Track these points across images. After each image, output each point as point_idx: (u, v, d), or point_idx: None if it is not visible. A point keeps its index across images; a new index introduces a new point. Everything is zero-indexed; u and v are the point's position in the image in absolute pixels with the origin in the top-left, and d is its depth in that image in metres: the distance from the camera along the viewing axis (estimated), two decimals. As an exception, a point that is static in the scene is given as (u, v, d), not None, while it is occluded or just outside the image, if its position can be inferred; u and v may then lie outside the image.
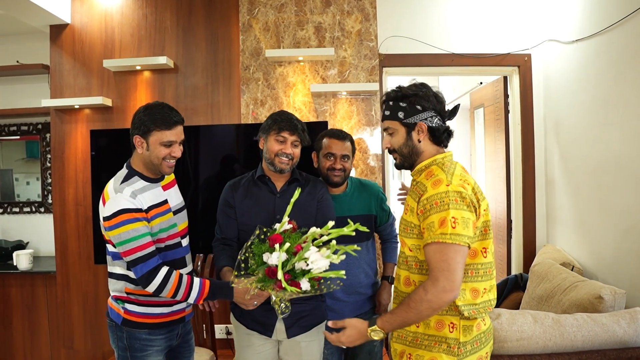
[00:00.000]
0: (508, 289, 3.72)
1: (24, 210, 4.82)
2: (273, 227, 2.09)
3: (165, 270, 2.10)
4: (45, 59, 4.38)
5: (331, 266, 1.95)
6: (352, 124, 4.07)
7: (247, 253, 2.03)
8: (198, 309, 3.13)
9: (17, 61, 4.53)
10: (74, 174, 4.22)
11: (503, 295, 3.71)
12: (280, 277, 1.88)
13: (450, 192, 1.76)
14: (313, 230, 2.02)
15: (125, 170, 2.23)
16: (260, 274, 1.97)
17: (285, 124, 2.35)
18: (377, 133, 4.09)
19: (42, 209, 4.79)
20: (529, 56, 4.18)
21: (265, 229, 2.06)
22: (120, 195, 2.10)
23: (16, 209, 4.83)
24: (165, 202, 2.27)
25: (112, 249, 2.19)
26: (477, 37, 4.17)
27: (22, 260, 4.28)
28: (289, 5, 4.09)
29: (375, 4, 4.10)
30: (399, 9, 4.15)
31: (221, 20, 4.15)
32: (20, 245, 4.67)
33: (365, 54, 4.09)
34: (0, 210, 4.84)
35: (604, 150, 3.26)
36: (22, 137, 4.79)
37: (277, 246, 1.94)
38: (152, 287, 2.08)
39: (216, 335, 3.89)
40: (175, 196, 2.39)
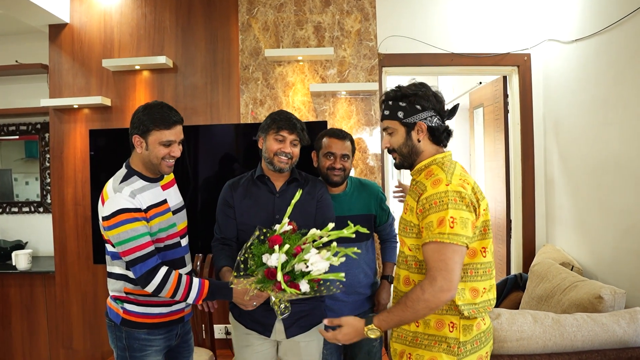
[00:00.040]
0: (508, 289, 3.72)
1: (22, 210, 4.81)
2: (273, 227, 2.09)
3: (164, 270, 2.09)
4: (44, 58, 4.37)
5: (331, 268, 1.95)
6: (351, 124, 4.07)
7: (247, 254, 2.02)
8: (197, 309, 3.13)
9: (16, 61, 4.52)
10: (72, 174, 4.21)
11: (503, 295, 3.70)
12: (280, 278, 1.87)
13: (449, 191, 1.76)
14: (313, 232, 2.02)
15: (124, 170, 2.23)
16: (260, 275, 1.97)
17: (284, 123, 2.35)
18: (376, 133, 4.09)
19: (41, 209, 4.78)
20: (529, 56, 4.18)
21: (265, 230, 2.06)
22: (119, 195, 2.09)
23: (15, 209, 4.82)
24: (165, 201, 2.27)
25: (111, 249, 2.19)
26: (476, 37, 4.17)
27: (21, 260, 4.27)
28: (289, 4, 4.09)
29: (375, 3, 4.09)
30: (398, 9, 4.15)
31: (220, 19, 4.15)
32: (19, 245, 4.67)
33: (365, 54, 4.08)
34: (-1, 210, 4.85)
35: (603, 150, 3.26)
36: (21, 137, 4.78)
37: (277, 247, 1.93)
38: (151, 287, 2.07)
39: (215, 335, 3.88)
40: (175, 196, 2.38)
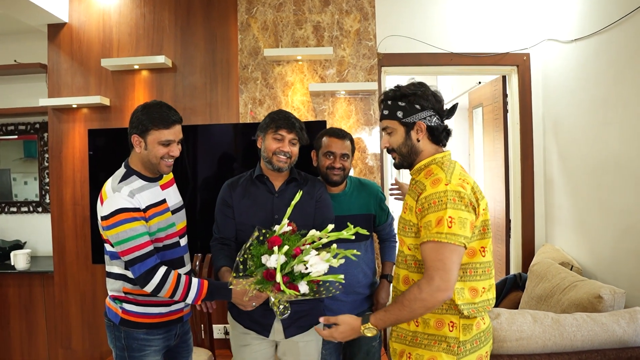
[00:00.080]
0: (507, 289, 3.72)
1: (21, 210, 4.81)
2: (272, 228, 2.08)
3: (163, 270, 2.09)
4: (43, 58, 4.36)
5: (330, 269, 1.94)
6: (350, 124, 4.06)
7: (246, 254, 2.01)
8: (196, 309, 3.12)
9: (15, 60, 4.51)
10: (71, 174, 4.20)
11: (502, 294, 3.70)
12: (279, 280, 1.87)
13: (448, 191, 1.76)
14: (312, 233, 2.01)
15: (123, 170, 2.22)
16: (259, 276, 1.96)
17: (282, 122, 2.34)
18: (375, 132, 4.09)
19: (40, 209, 4.78)
20: (528, 55, 4.18)
21: (264, 231, 2.05)
22: (118, 195, 2.09)
23: (14, 209, 4.81)
24: (164, 201, 2.27)
25: (110, 249, 2.18)
26: (475, 37, 4.17)
27: (19, 260, 4.26)
28: (288, 4, 4.08)
29: (374, 3, 4.09)
30: (397, 8, 4.15)
31: (219, 19, 4.14)
32: (18, 245, 4.66)
33: (364, 54, 4.08)
34: (-2, 210, 4.84)
35: (603, 150, 3.26)
36: (19, 136, 4.78)
37: (276, 249, 1.92)
38: (150, 287, 2.07)
39: (214, 335, 3.88)
40: (174, 195, 2.38)
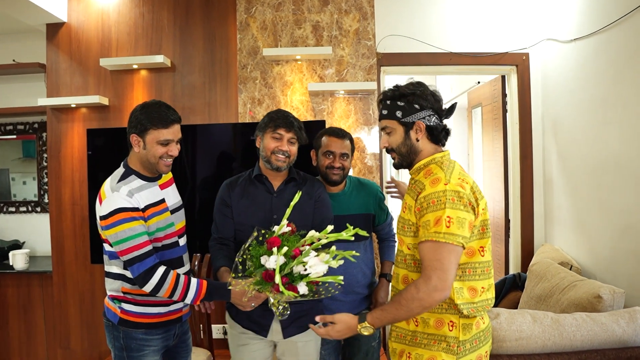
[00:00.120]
0: (506, 289, 3.72)
1: (20, 209, 4.80)
2: (271, 229, 2.08)
3: (162, 270, 2.08)
4: (41, 57, 4.35)
5: (330, 270, 1.94)
6: (349, 123, 4.06)
7: (245, 255, 2.01)
8: (194, 309, 3.12)
9: (14, 60, 4.51)
10: (70, 174, 4.19)
11: (501, 294, 3.70)
12: (278, 281, 1.86)
13: (447, 191, 1.75)
14: (311, 234, 2.01)
15: (122, 169, 2.22)
16: (258, 277, 1.96)
17: (281, 121, 2.34)
18: (374, 132, 4.08)
19: (39, 209, 4.77)
20: (527, 55, 4.18)
21: (263, 231, 2.05)
22: (116, 194, 2.08)
23: (12, 209, 4.81)
24: (163, 201, 2.26)
25: (109, 249, 2.18)
26: (475, 36, 4.16)
27: (18, 260, 4.25)
28: (287, 4, 4.08)
29: (373, 2, 4.09)
30: (396, 8, 4.14)
31: (218, 19, 4.14)
32: (17, 245, 4.65)
33: (363, 53, 4.08)
34: (-4, 210, 4.83)
35: (603, 150, 3.26)
36: (18, 136, 4.77)
37: (275, 249, 1.92)
38: (148, 287, 2.06)
39: (213, 335, 3.87)
40: (173, 195, 2.37)
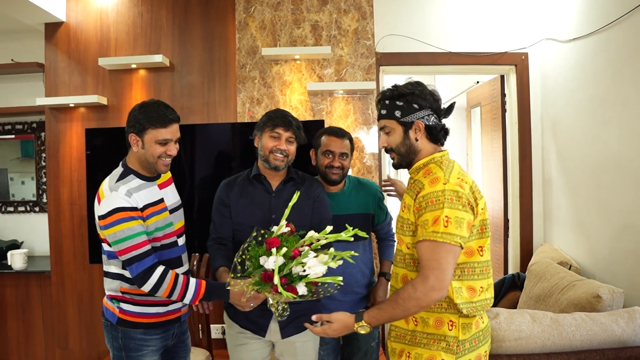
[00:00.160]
0: (505, 288, 3.72)
1: (18, 209, 4.79)
2: (270, 229, 2.07)
3: (161, 269, 2.08)
4: (40, 57, 4.34)
5: (329, 270, 1.94)
6: (348, 123, 4.06)
7: (244, 255, 2.00)
8: (193, 309, 3.12)
9: (12, 59, 4.50)
10: (68, 173, 4.19)
11: (500, 294, 3.70)
12: (277, 282, 1.86)
13: (446, 190, 1.75)
14: (311, 235, 2.00)
15: (120, 169, 2.21)
16: (257, 277, 1.95)
17: (279, 120, 2.34)
18: (373, 132, 4.08)
19: (37, 209, 4.76)
20: (526, 55, 4.17)
21: (262, 231, 2.04)
22: (115, 194, 2.08)
23: (11, 209, 4.80)
24: (161, 200, 2.26)
25: (107, 248, 2.17)
26: (474, 36, 4.16)
27: (16, 259, 4.25)
28: (286, 3, 4.07)
29: (372, 2, 4.08)
30: (395, 7, 4.14)
31: (217, 18, 4.13)
32: (15, 244, 4.64)
33: (362, 53, 4.07)
34: (-5, 210, 4.82)
35: (602, 150, 3.25)
36: (16, 136, 4.76)
37: (274, 250, 1.91)
38: (147, 287, 2.06)
39: (212, 335, 3.87)
40: (172, 195, 2.37)
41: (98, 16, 4.18)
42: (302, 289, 1.91)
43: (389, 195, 2.86)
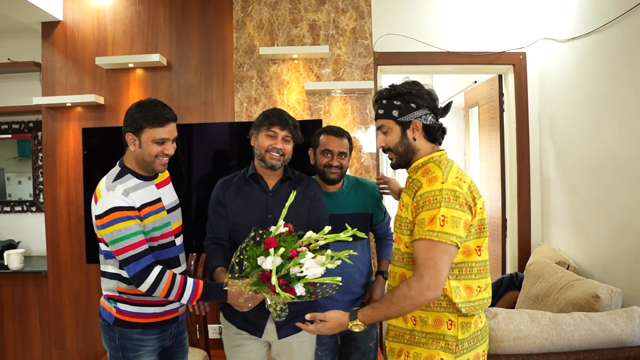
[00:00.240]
0: (503, 288, 3.72)
1: (15, 209, 4.78)
2: (269, 229, 2.06)
3: (158, 269, 2.07)
4: (37, 56, 4.32)
5: (328, 271, 1.93)
6: (346, 122, 4.05)
7: (242, 255, 2.00)
8: (189, 310, 3.11)
9: (9, 59, 4.49)
10: (65, 173, 4.17)
11: (498, 294, 3.70)
12: (274, 282, 1.85)
13: (444, 190, 1.75)
14: (309, 235, 2.00)
15: (117, 168, 2.20)
16: (255, 278, 1.95)
17: (275, 118, 2.33)
18: (371, 131, 4.07)
19: (34, 208, 4.75)
20: (524, 55, 4.17)
21: (261, 231, 2.03)
22: (112, 193, 2.07)
23: (7, 208, 4.78)
24: (159, 200, 2.25)
25: (104, 248, 2.16)
26: (472, 36, 4.16)
27: (13, 259, 4.23)
28: (283, 2, 4.06)
29: (370, 1, 4.07)
30: (393, 7, 4.14)
31: (215, 17, 4.12)
32: (11, 244, 4.63)
33: (360, 52, 4.07)
34: (-9, 210, 4.80)
35: (601, 149, 3.25)
36: (13, 135, 4.75)
37: (272, 250, 1.91)
38: (144, 286, 2.05)
39: (209, 335, 3.86)
40: (170, 194, 2.36)
41: (95, 15, 4.16)
42: (300, 289, 1.90)
43: (382, 193, 2.86)
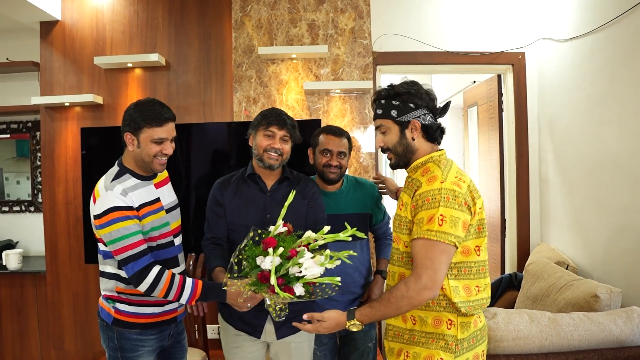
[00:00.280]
0: (502, 288, 3.72)
1: (13, 209, 4.77)
2: (267, 229, 2.06)
3: (157, 269, 2.07)
4: (35, 56, 4.31)
5: (327, 271, 1.92)
6: (345, 122, 4.04)
7: (241, 255, 1.99)
8: (188, 310, 3.11)
9: (7, 58, 4.48)
10: (64, 173, 4.16)
11: (497, 294, 3.70)
12: (273, 282, 1.84)
13: (443, 189, 1.75)
14: (308, 235, 1.99)
15: (116, 168, 2.20)
16: (254, 278, 1.94)
17: (273, 118, 2.33)
18: (370, 131, 4.07)
19: (32, 208, 4.74)
20: (523, 54, 4.17)
21: (260, 231, 2.03)
22: (110, 193, 2.07)
23: (6, 208, 4.77)
24: (158, 200, 2.24)
25: (103, 248, 2.16)
26: (471, 35, 4.16)
27: (11, 260, 4.22)
28: (282, 2, 4.06)
29: (369, 1, 4.07)
30: (392, 7, 4.13)
31: (214, 17, 4.11)
32: (10, 244, 4.62)
33: (359, 52, 4.06)
34: (-10, 210, 4.79)
35: (600, 149, 3.25)
36: (12, 135, 4.73)
37: (271, 250, 1.90)
38: (143, 287, 2.05)
39: (208, 335, 3.85)
40: (168, 194, 2.36)
41: (94, 15, 4.16)
42: (299, 289, 1.89)
43: (380, 192, 2.86)
